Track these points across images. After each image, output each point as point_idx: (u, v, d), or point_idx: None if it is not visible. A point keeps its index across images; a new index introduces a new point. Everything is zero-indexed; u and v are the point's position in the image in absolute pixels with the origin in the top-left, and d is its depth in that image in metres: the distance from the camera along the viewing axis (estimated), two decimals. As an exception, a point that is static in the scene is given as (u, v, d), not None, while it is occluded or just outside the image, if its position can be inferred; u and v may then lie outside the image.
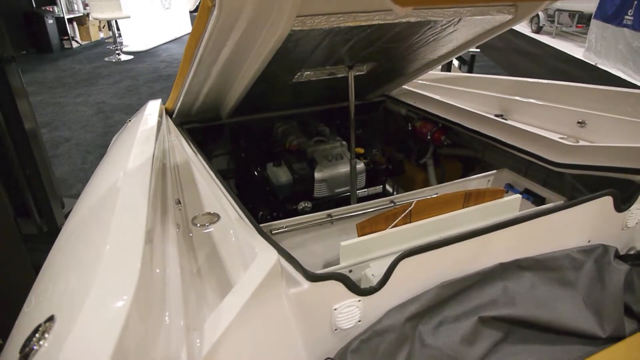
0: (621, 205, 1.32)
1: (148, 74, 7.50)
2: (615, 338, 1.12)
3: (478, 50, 4.47)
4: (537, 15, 11.09)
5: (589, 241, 1.31)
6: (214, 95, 1.88)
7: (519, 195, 1.42)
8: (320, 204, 2.11)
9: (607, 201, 1.29)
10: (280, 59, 1.49)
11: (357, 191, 2.16)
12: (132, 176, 1.15)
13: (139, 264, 0.71)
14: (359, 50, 1.76)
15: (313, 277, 0.93)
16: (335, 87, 2.17)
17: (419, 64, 2.14)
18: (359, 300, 0.97)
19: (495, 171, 1.93)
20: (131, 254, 0.75)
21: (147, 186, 1.02)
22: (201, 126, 2.19)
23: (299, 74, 1.91)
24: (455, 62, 4.64)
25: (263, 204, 2.18)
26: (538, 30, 11.19)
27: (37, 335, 0.63)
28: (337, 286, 0.94)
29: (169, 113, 2.06)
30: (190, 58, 1.47)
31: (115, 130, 2.61)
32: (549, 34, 10.89)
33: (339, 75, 2.01)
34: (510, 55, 9.03)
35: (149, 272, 0.76)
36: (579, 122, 1.81)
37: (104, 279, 0.70)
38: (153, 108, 1.99)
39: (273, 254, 0.90)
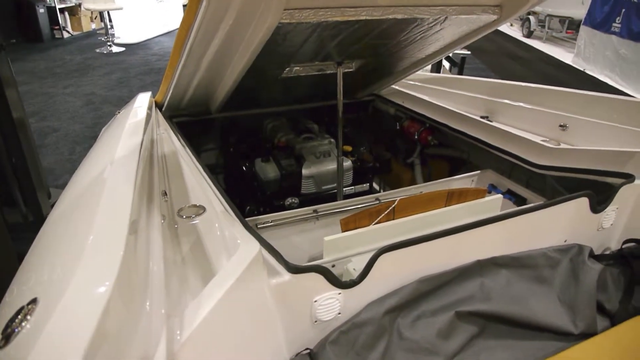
0: (597, 206, 1.35)
1: (139, 67, 7.44)
2: (588, 334, 1.16)
3: (468, 52, 4.52)
4: (528, 20, 11.20)
5: (565, 241, 1.35)
6: (204, 88, 1.88)
7: (500, 196, 1.45)
8: (307, 200, 2.13)
9: (583, 202, 1.33)
10: (270, 52, 1.50)
11: (344, 188, 2.19)
12: (119, 167, 1.16)
13: (122, 251, 0.73)
14: (347, 46, 1.78)
15: (294, 269, 0.95)
16: (324, 84, 2.19)
17: (407, 62, 2.17)
18: (339, 293, 1.00)
19: (479, 172, 1.96)
20: (115, 242, 0.77)
21: (134, 177, 1.03)
22: (190, 120, 2.19)
23: (288, 68, 1.93)
24: (446, 64, 4.69)
25: (251, 199, 2.19)
26: (529, 35, 11.31)
27: (19, 316, 0.64)
28: (317, 278, 0.96)
29: (159, 106, 2.06)
30: (180, 49, 1.47)
31: (105, 122, 2.60)
32: (539, 38, 11.00)
33: (328, 72, 2.03)
34: (501, 59, 9.12)
35: (132, 260, 0.77)
36: (560, 126, 1.85)
37: (87, 265, 0.72)
38: (143, 100, 1.99)
39: (255, 245, 0.92)
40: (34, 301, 0.66)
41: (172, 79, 1.71)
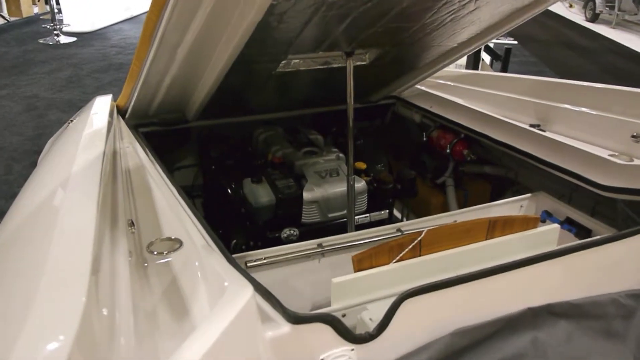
0: None
1: (95, 62, 7.59)
2: None
3: (515, 42, 4.59)
4: (593, 0, 11.36)
5: None
6: (179, 88, 1.93)
7: (556, 226, 1.48)
8: (309, 232, 2.16)
9: None
10: (262, 39, 1.54)
11: (356, 217, 2.21)
12: (75, 191, 1.20)
13: (83, 297, 0.75)
14: (359, 31, 1.82)
15: (295, 319, 0.97)
16: (330, 82, 2.23)
17: (436, 53, 2.22)
18: (352, 350, 1.02)
19: (529, 195, 1.99)
20: (74, 286, 0.79)
21: (95, 203, 1.06)
22: (162, 130, 2.24)
23: (284, 61, 1.97)
24: (486, 57, 4.76)
25: (238, 231, 2.22)
26: (594, 19, 11.46)
27: None
28: (324, 330, 0.98)
29: (122, 112, 2.11)
30: (149, 38, 1.52)
31: (51, 133, 2.66)
32: (607, 23, 11.15)
33: (335, 66, 2.06)
34: (557, 50, 9.23)
35: (95, 311, 0.80)
36: (634, 136, 1.88)
37: (40, 317, 0.74)
38: (101, 106, 2.04)
39: (247, 288, 0.94)
40: None
41: (139, 77, 1.76)
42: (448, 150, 2.43)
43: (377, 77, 2.44)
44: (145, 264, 1.17)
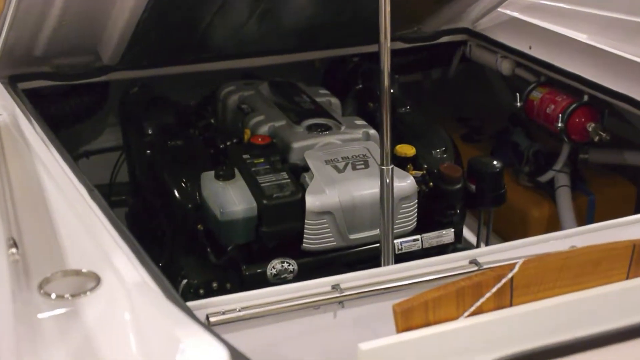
0: None
1: None
2: None
3: None
4: None
5: None
6: (85, 6, 1.96)
7: None
8: (316, 265, 2.18)
9: None
10: None
11: (398, 239, 2.24)
12: None
13: None
14: None
15: None
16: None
17: None
18: None
19: None
20: None
21: None
22: (58, 86, 2.25)
23: None
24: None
25: (191, 262, 2.24)
26: None
27: None
28: None
29: None
30: None
31: None
32: None
33: None
34: None
35: None
36: None
37: None
38: None
39: (217, 355, 0.96)
40: None
41: None
42: (560, 124, 2.43)
43: None
44: (40, 315, 1.19)
